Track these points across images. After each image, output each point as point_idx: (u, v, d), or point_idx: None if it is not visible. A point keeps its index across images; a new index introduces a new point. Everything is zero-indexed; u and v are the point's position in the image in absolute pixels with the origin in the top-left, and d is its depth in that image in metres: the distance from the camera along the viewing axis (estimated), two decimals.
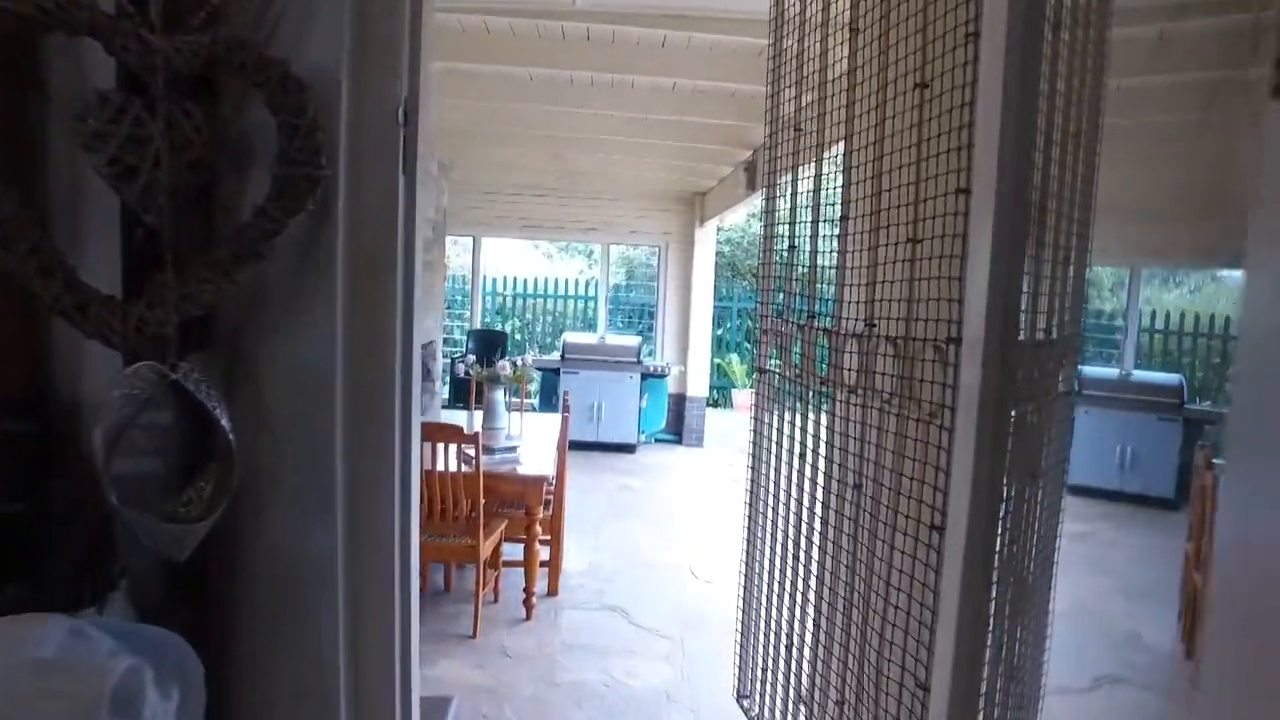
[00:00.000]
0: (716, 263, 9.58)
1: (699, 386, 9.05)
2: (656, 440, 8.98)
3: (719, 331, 11.72)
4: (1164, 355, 9.72)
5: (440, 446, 4.04)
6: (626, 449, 8.39)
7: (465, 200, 8.71)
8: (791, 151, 2.15)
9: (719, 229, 9.79)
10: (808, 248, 2.04)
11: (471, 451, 4.25)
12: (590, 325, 10.59)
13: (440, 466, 4.02)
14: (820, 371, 2.00)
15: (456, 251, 13.90)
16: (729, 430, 10.31)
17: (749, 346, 12.85)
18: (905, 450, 1.58)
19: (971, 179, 1.35)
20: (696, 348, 9.04)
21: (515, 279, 12.52)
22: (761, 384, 2.33)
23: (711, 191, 8.31)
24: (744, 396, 12.05)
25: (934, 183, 1.51)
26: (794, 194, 2.13)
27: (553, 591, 4.70)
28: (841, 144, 1.89)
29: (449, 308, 11.95)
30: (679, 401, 9.05)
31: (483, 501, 4.07)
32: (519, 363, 5.34)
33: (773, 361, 2.30)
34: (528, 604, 4.39)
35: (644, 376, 8.41)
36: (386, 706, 1.31)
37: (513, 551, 4.78)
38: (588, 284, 12.74)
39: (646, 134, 5.86)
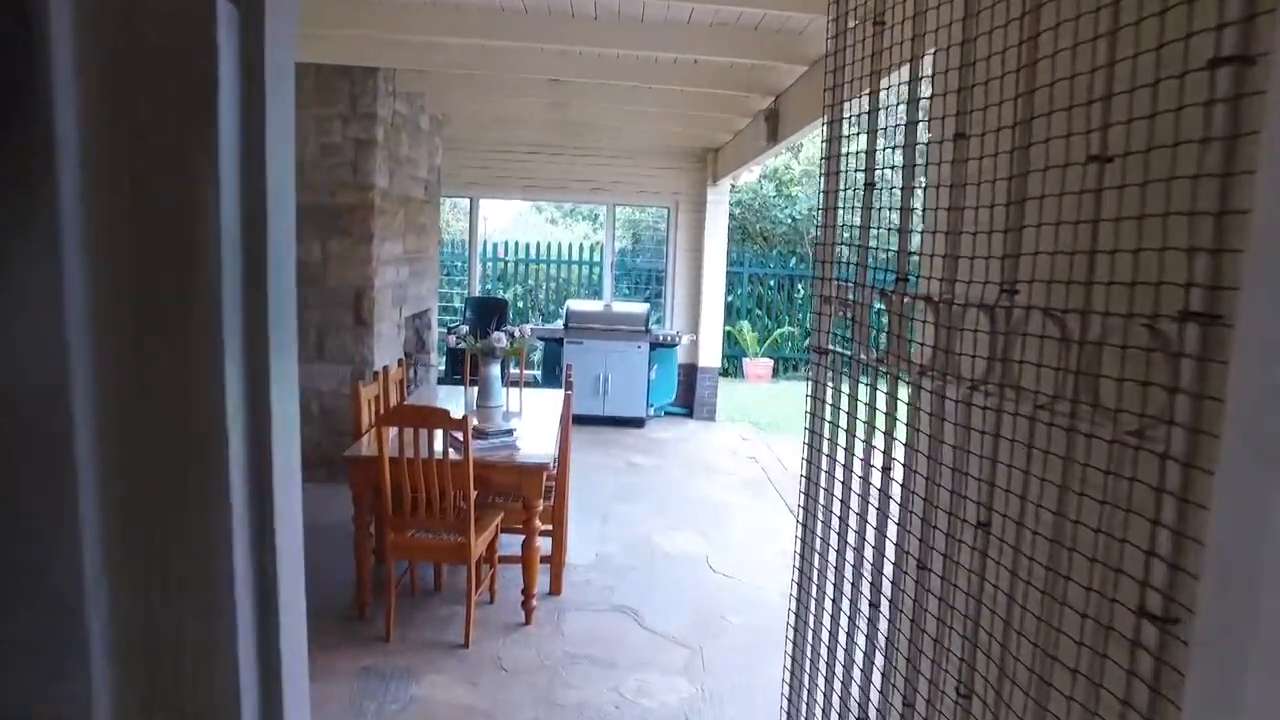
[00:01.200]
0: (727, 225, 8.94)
1: (711, 356, 8.48)
2: (666, 413, 8.45)
3: (729, 298, 11.12)
4: None
5: (424, 432, 3.49)
6: (635, 423, 7.85)
7: (461, 159, 8.09)
8: (870, 54, 1.56)
9: (731, 188, 9.15)
10: (898, 183, 1.47)
11: (461, 436, 3.71)
12: (596, 292, 10.00)
13: (425, 453, 3.48)
14: (911, 356, 1.44)
15: (457, 215, 13.31)
16: (741, 401, 9.78)
17: (760, 313, 12.25)
18: (1078, 483, 1.03)
19: (1261, 37, 0.78)
20: (708, 315, 8.45)
21: (518, 243, 11.92)
22: (820, 369, 1.77)
23: (726, 147, 7.66)
24: (755, 366, 11.50)
25: (1147, 63, 0.93)
26: (874, 112, 1.55)
27: (555, 590, 4.18)
28: (954, 30, 1.31)
29: (448, 274, 11.37)
30: (689, 372, 8.48)
31: (474, 494, 3.53)
32: (516, 333, 4.78)
33: (837, 340, 1.74)
34: (527, 606, 3.87)
35: (653, 346, 7.84)
36: None
37: (511, 544, 4.26)
38: (592, 249, 12.13)
39: (657, 78, 5.22)
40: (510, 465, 3.73)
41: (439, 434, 3.55)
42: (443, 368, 7.84)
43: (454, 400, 5.01)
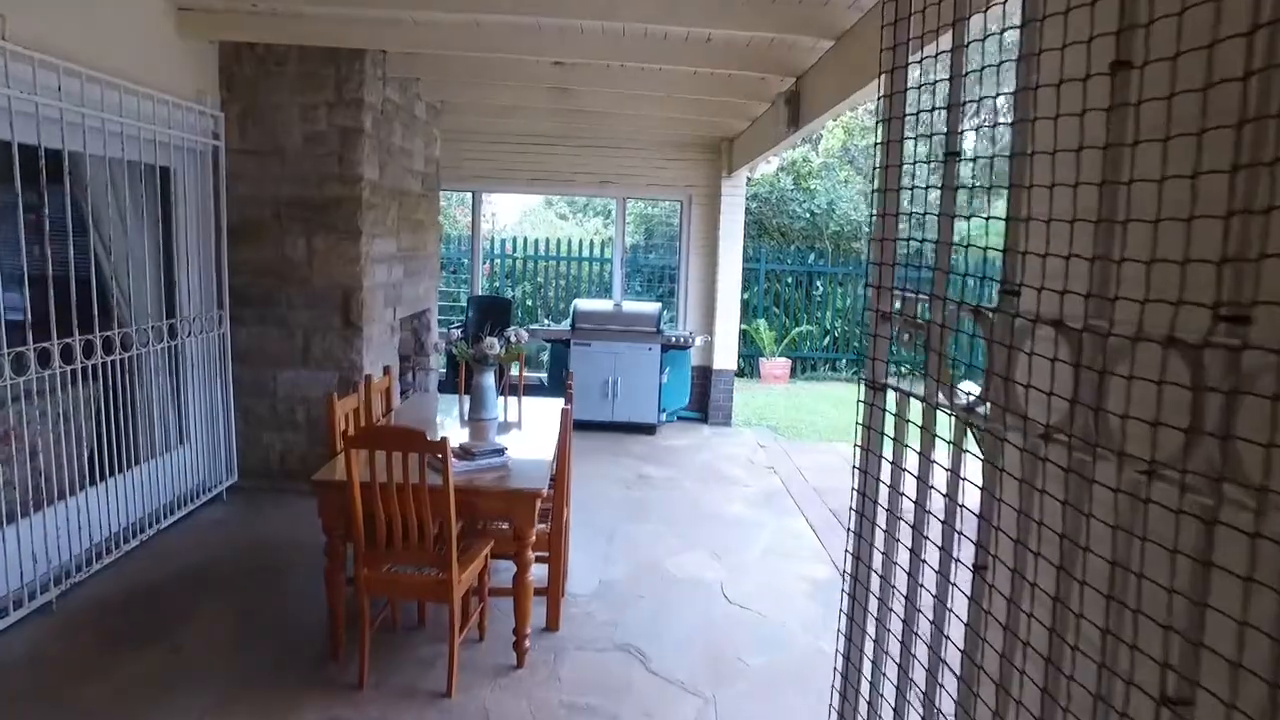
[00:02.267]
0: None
1: (726, 358, 7.97)
2: (679, 418, 7.96)
3: (744, 295, 10.60)
4: None
5: (398, 455, 3.03)
6: (645, 430, 7.37)
7: (463, 150, 7.62)
8: None
9: (748, 180, 8.62)
10: (1002, 149, 0.97)
11: (452, 459, 3.25)
12: (607, 290, 9.51)
13: (404, 477, 3.02)
14: (1026, 409, 0.95)
15: (465, 210, 12.87)
16: (758, 404, 9.27)
17: (777, 311, 11.72)
18: None
19: None
20: (724, 315, 7.94)
21: (526, 240, 11.46)
22: (874, 411, 1.27)
23: (741, 136, 7.14)
24: (772, 366, 10.98)
25: None
26: (959, 49, 1.06)
27: (552, 625, 3.70)
28: None
29: (454, 272, 10.94)
30: (704, 375, 7.99)
31: (456, 525, 3.07)
32: (512, 337, 4.30)
33: (900, 370, 1.25)
34: (519, 647, 3.40)
35: (664, 348, 7.34)
36: None
37: (506, 569, 3.78)
38: (603, 245, 11.66)
39: (666, 58, 4.71)
40: (499, 491, 3.26)
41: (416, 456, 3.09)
42: (445, 371, 7.39)
43: (448, 411, 4.56)
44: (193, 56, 4.65)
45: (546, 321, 8.31)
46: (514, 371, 4.85)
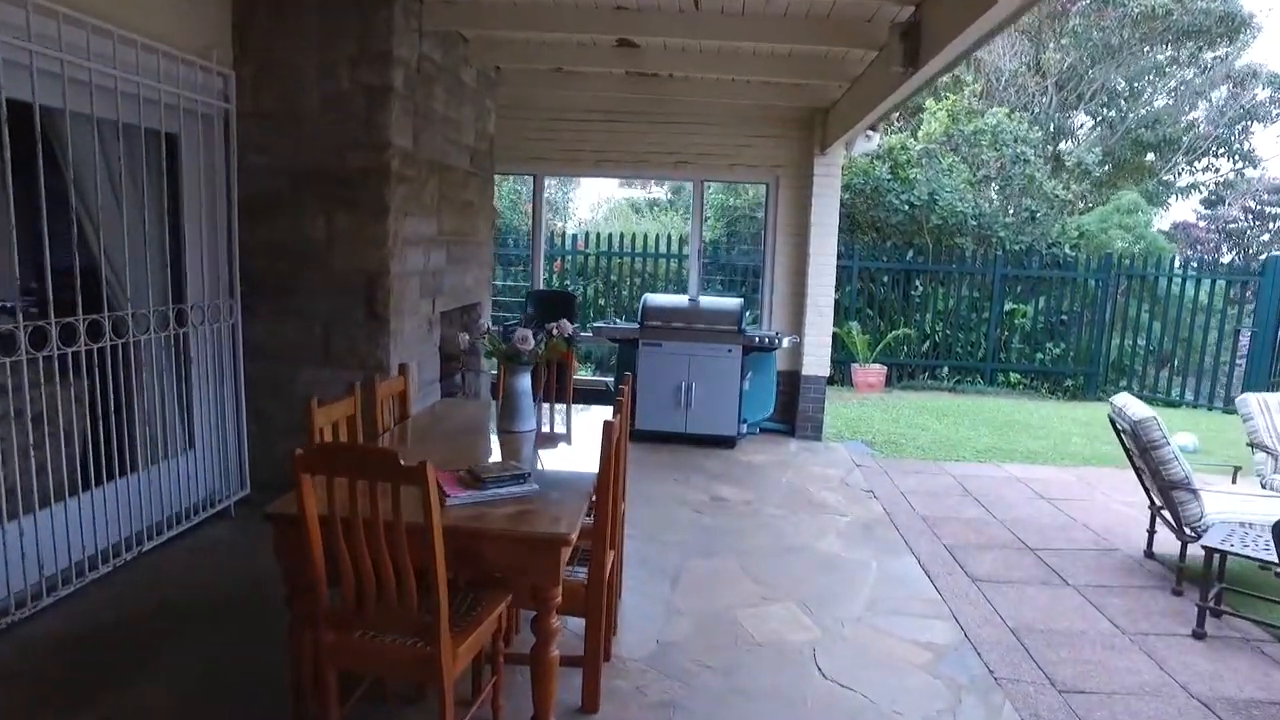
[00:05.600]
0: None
1: (817, 363, 6.89)
2: (762, 430, 6.93)
3: (835, 296, 9.45)
4: None
5: (365, 484, 2.17)
6: (723, 443, 6.36)
7: (522, 129, 6.82)
8: None
9: (844, 168, 7.51)
10: None
11: (449, 492, 2.40)
12: (685, 289, 8.58)
13: (368, 512, 2.15)
14: None
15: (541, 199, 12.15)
16: (850, 415, 8.13)
17: (871, 314, 10.50)
18: None
19: None
20: (815, 313, 6.86)
21: (598, 235, 10.63)
22: None
23: (838, 105, 6.07)
24: (866, 373, 9.79)
25: None
26: None
27: (589, 707, 2.76)
28: None
29: (524, 268, 10.21)
30: (791, 381, 6.93)
31: (445, 582, 2.18)
32: (555, 330, 3.42)
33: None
34: None
35: (746, 350, 6.33)
36: None
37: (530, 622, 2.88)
38: (681, 240, 10.72)
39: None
40: (511, 535, 2.35)
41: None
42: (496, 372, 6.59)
43: (486, 420, 3.73)
44: (199, 5, 3.96)
45: (616, 320, 7.42)
46: (588, 373, 3.98)
